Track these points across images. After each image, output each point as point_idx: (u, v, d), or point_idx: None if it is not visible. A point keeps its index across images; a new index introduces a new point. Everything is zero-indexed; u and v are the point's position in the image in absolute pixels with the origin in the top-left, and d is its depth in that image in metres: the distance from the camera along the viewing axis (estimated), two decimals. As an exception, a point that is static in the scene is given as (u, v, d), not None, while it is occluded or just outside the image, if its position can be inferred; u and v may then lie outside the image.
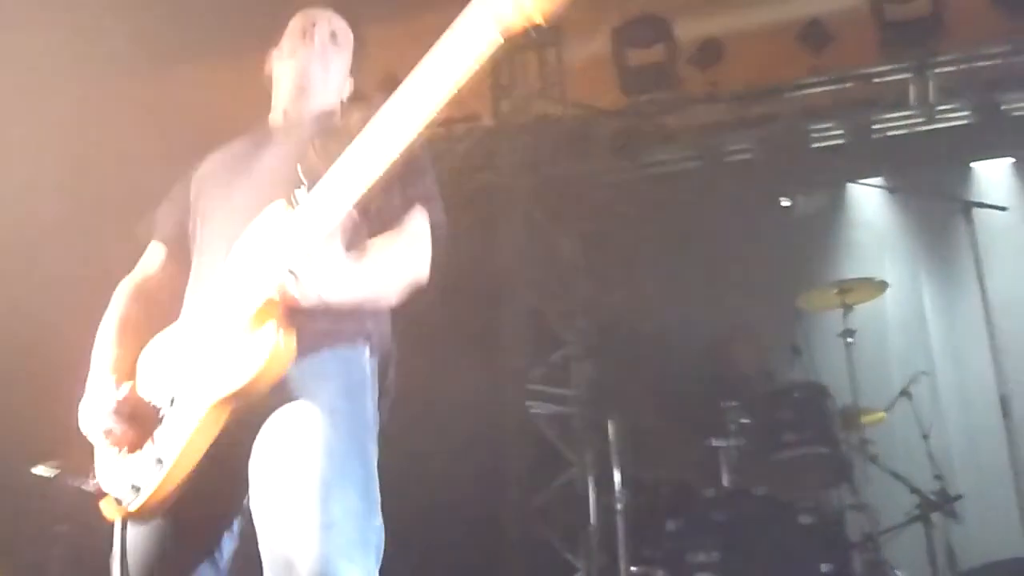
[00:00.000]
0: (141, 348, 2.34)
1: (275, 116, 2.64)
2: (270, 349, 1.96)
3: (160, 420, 2.17)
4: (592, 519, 5.21)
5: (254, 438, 2.09)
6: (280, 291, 1.97)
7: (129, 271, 2.59)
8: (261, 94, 2.67)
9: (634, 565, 4.79)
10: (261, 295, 2.01)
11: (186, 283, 2.46)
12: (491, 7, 1.67)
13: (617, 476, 5.02)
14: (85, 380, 2.28)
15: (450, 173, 6.72)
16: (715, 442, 4.88)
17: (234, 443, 2.07)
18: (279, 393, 2.05)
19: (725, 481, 4.89)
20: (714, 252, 6.49)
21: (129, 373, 2.28)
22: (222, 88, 5.29)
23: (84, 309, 2.48)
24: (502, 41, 1.69)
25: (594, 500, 5.24)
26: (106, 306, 2.49)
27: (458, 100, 1.80)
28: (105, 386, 2.24)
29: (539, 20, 1.65)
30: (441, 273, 2.32)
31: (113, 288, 2.52)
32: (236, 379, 1.99)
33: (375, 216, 2.25)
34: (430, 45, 1.69)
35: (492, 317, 5.98)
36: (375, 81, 6.20)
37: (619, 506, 4.95)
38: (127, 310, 2.48)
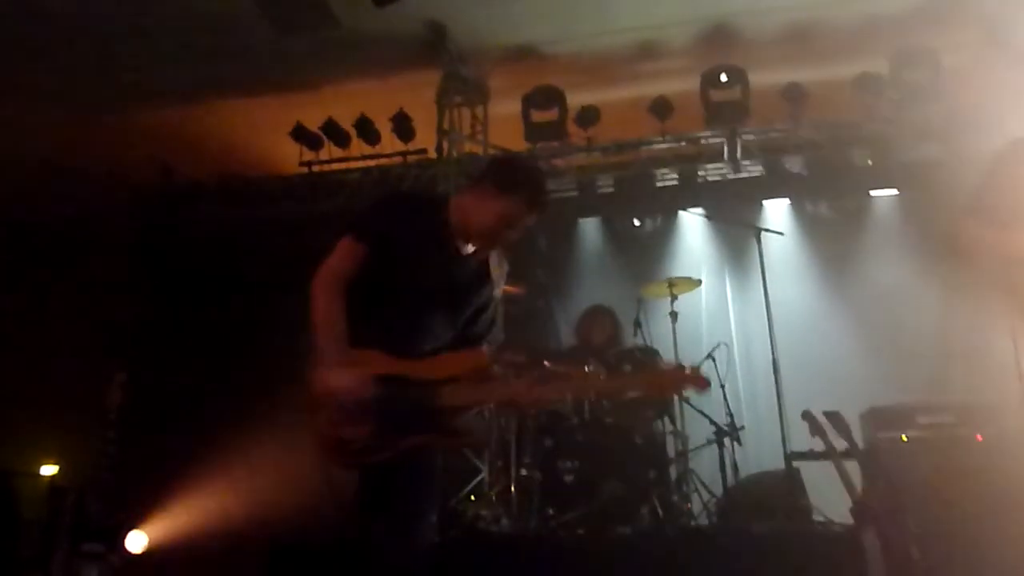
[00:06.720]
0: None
1: (464, 242, 2.52)
2: None
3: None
4: (493, 436, 5.21)
5: None
6: None
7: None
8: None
9: (521, 468, 4.80)
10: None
11: None
12: None
13: (511, 407, 5.07)
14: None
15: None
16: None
17: None
18: None
19: (586, 413, 4.89)
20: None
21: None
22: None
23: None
24: None
25: (495, 423, 5.21)
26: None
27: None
28: (351, 375, 2.29)
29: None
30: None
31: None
32: None
33: None
34: (397, 96, 1.75)
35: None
36: (350, 120, 6.17)
37: (512, 428, 4.96)
38: (340, 302, 2.37)
